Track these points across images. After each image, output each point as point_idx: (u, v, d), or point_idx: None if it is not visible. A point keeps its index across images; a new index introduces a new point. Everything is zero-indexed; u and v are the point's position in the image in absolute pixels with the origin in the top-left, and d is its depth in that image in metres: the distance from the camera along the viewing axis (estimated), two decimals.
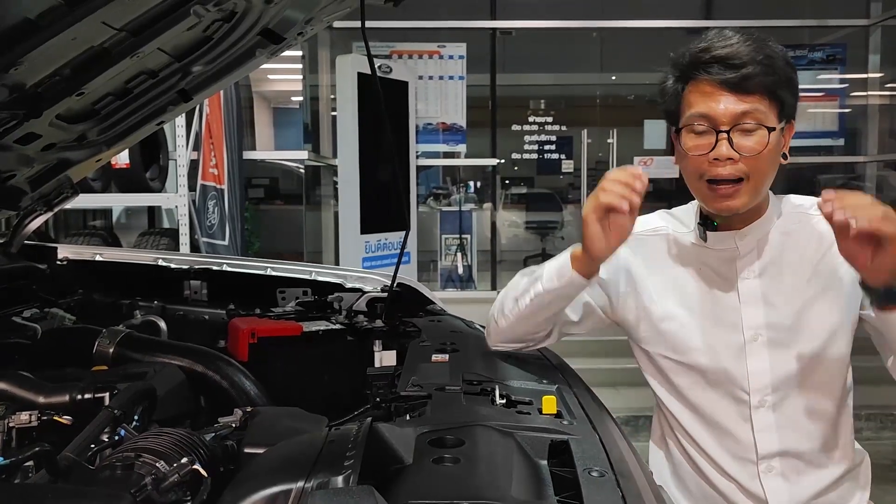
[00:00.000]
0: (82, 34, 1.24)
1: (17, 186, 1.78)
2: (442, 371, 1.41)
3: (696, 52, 1.33)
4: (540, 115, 6.66)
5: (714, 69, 1.30)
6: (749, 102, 1.29)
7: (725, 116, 1.30)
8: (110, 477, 0.90)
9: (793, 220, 1.44)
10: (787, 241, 1.43)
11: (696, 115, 1.33)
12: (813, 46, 6.42)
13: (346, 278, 2.11)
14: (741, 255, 1.43)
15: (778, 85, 1.31)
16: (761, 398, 1.41)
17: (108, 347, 1.57)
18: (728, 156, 1.30)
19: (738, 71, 1.28)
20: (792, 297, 1.40)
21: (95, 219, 6.61)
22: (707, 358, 1.43)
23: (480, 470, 0.93)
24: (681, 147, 1.37)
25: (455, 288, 6.82)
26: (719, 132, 1.30)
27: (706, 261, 1.46)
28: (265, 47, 1.70)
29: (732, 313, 1.43)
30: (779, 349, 1.40)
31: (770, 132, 1.30)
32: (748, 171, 1.31)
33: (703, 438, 1.47)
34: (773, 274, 1.42)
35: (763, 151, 1.30)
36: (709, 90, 1.31)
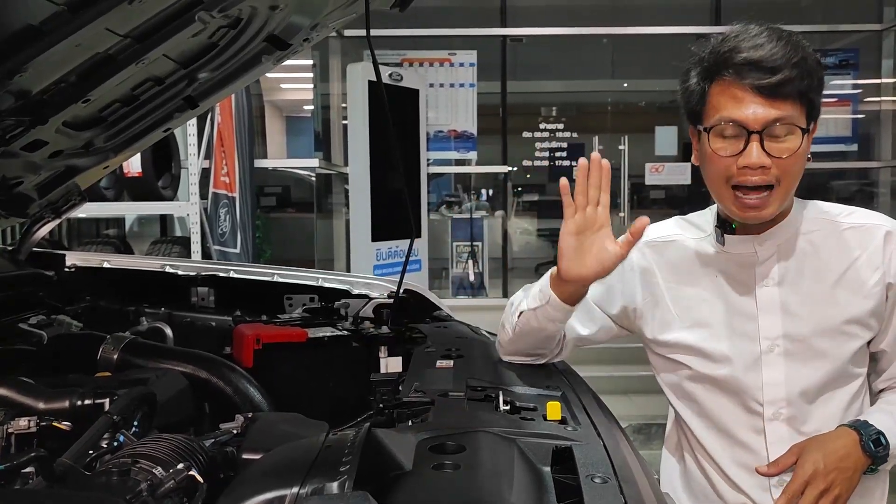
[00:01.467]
0: (87, 41, 1.24)
1: (24, 193, 1.78)
2: (446, 377, 1.40)
3: (725, 52, 1.26)
4: (551, 122, 6.66)
5: (745, 72, 1.24)
6: (781, 108, 1.23)
7: (757, 122, 1.24)
8: (106, 483, 0.90)
9: (818, 227, 1.38)
10: (811, 248, 1.37)
11: (725, 119, 1.26)
12: (825, 51, 6.38)
13: (352, 285, 2.11)
14: (760, 260, 1.38)
15: (811, 89, 1.26)
16: (776, 410, 1.37)
17: (113, 354, 1.57)
18: (760, 163, 1.24)
19: (773, 76, 1.22)
20: (813, 307, 1.35)
21: (108, 227, 6.66)
22: (722, 367, 1.39)
23: (481, 476, 0.92)
24: (707, 148, 1.30)
25: (466, 295, 6.81)
26: (751, 134, 1.24)
27: (723, 267, 1.41)
28: (271, 53, 1.70)
29: (749, 322, 1.38)
30: (796, 361, 1.36)
31: (804, 134, 1.25)
32: (780, 176, 1.26)
33: (714, 448, 1.44)
34: (793, 282, 1.36)
35: (795, 155, 1.25)
36: (739, 94, 1.25)
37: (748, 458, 1.39)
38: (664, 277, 1.45)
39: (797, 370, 1.36)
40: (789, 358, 1.36)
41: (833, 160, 6.58)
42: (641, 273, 1.46)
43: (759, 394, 1.37)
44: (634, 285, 1.47)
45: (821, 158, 6.61)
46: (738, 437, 1.40)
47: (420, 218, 5.80)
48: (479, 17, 6.72)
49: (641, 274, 1.46)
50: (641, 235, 1.25)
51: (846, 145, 6.42)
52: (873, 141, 6.61)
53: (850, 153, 6.54)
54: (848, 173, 7.23)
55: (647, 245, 1.45)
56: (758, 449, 1.39)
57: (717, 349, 1.40)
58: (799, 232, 1.37)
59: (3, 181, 1.64)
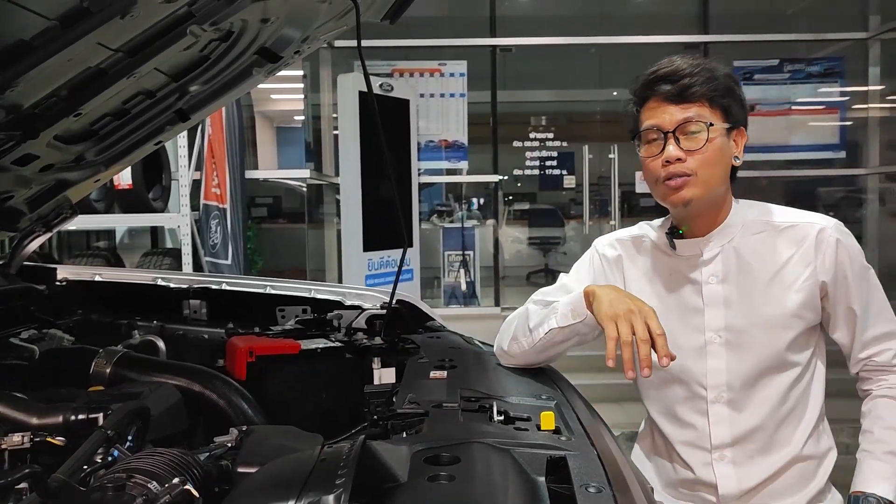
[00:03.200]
0: (78, 55, 1.24)
1: (15, 207, 1.78)
2: (440, 388, 1.40)
3: (646, 77, 1.52)
4: (541, 132, 6.68)
5: (658, 87, 1.48)
6: (690, 110, 1.46)
7: (670, 123, 1.47)
8: (101, 498, 0.89)
9: (758, 228, 1.55)
10: (750, 248, 1.53)
11: (647, 127, 1.50)
12: (810, 60, 6.44)
13: (345, 296, 2.11)
14: (705, 260, 1.55)
15: (717, 92, 1.47)
16: (717, 394, 1.53)
17: (105, 367, 1.56)
18: (676, 155, 1.46)
19: (677, 83, 1.46)
20: (749, 302, 1.51)
21: (99, 239, 6.63)
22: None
23: (475, 487, 0.92)
24: (641, 156, 1.53)
25: (458, 304, 6.81)
26: (666, 134, 1.47)
27: (675, 267, 1.59)
28: (262, 66, 1.71)
29: (697, 315, 1.55)
30: (736, 350, 1.51)
31: (709, 128, 1.45)
32: (696, 167, 1.46)
33: (667, 429, 1.61)
34: (734, 279, 1.53)
35: (707, 147, 1.45)
36: (656, 105, 1.49)
37: (693, 437, 1.56)
38: (629, 270, 1.65)
39: (737, 358, 1.52)
40: (730, 347, 1.52)
41: (820, 167, 6.62)
42: (614, 262, 1.66)
43: (704, 379, 1.54)
44: (609, 272, 1.66)
45: (808, 165, 6.66)
46: (684, 418, 1.57)
47: (412, 227, 5.80)
48: (468, 28, 6.75)
49: (614, 262, 1.66)
50: None
51: (834, 152, 6.46)
52: (860, 148, 6.66)
53: (837, 160, 6.59)
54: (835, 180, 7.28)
55: (616, 240, 1.68)
56: (702, 428, 1.55)
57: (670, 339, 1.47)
58: (740, 234, 1.55)
59: None
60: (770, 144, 6.34)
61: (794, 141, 6.36)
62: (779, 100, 6.34)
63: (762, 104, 6.33)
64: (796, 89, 6.35)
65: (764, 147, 6.33)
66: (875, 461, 1.48)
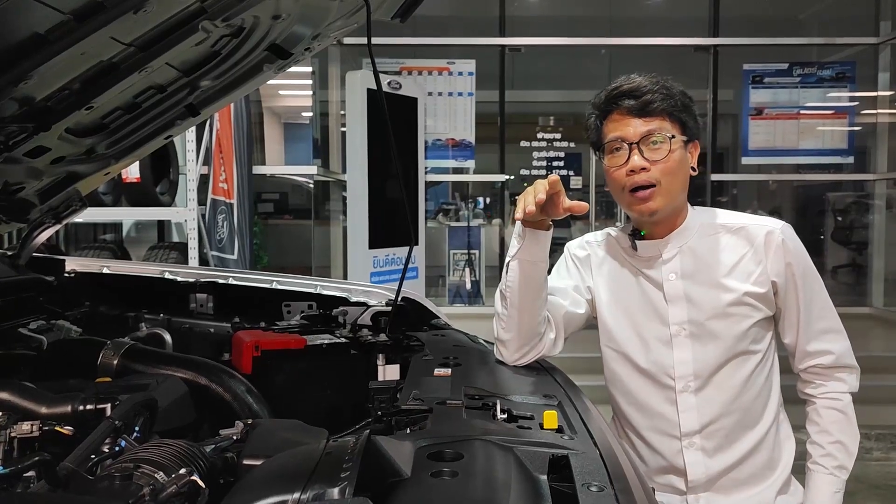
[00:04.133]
0: (91, 49, 1.25)
1: (26, 199, 1.79)
2: (444, 385, 1.41)
3: (609, 91, 1.62)
4: (549, 132, 6.67)
5: (622, 101, 1.59)
6: (652, 123, 1.58)
7: (635, 135, 1.58)
8: (109, 487, 0.91)
9: (713, 230, 1.66)
10: (706, 247, 1.65)
11: (612, 139, 1.60)
12: (822, 64, 6.42)
13: (350, 292, 2.12)
14: (665, 260, 1.66)
15: (675, 108, 1.59)
16: (685, 384, 1.63)
17: (112, 359, 1.58)
18: (641, 165, 1.57)
19: (640, 98, 1.58)
20: (708, 297, 1.62)
21: (106, 232, 6.65)
22: (640, 349, 1.67)
23: (478, 484, 0.93)
24: (605, 165, 1.63)
25: (463, 303, 6.82)
26: (631, 145, 1.57)
27: (639, 267, 1.70)
28: (272, 62, 1.72)
29: (661, 310, 1.65)
30: (699, 342, 1.62)
31: (671, 140, 1.57)
32: (659, 177, 1.57)
33: (636, 419, 1.69)
34: (692, 276, 1.64)
35: (669, 158, 1.57)
36: (619, 118, 1.60)
37: (663, 425, 1.65)
38: (597, 268, 1.76)
39: (701, 349, 1.62)
40: (694, 339, 1.62)
41: (829, 172, 6.61)
42: (584, 261, 1.78)
43: (672, 370, 1.63)
44: (582, 271, 1.77)
45: (817, 170, 6.65)
46: (653, 408, 1.66)
47: (417, 226, 5.81)
48: (477, 27, 6.75)
49: (584, 261, 1.78)
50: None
51: (842, 157, 6.44)
52: (869, 153, 6.64)
53: (846, 165, 6.58)
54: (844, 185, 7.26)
55: (585, 242, 1.81)
56: (671, 416, 1.64)
57: (634, 333, 1.68)
58: (696, 235, 1.67)
59: (5, 187, 1.65)
60: (779, 148, 6.32)
61: (802, 145, 6.35)
62: (788, 103, 6.33)
63: (771, 107, 6.32)
64: (806, 93, 6.33)
65: (772, 151, 6.32)
66: (826, 475, 1.61)
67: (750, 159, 6.34)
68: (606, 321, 1.72)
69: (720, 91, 6.37)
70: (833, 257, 8.42)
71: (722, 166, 7.61)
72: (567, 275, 1.79)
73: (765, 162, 6.41)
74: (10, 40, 1.15)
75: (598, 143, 1.66)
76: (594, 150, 1.69)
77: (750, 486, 1.63)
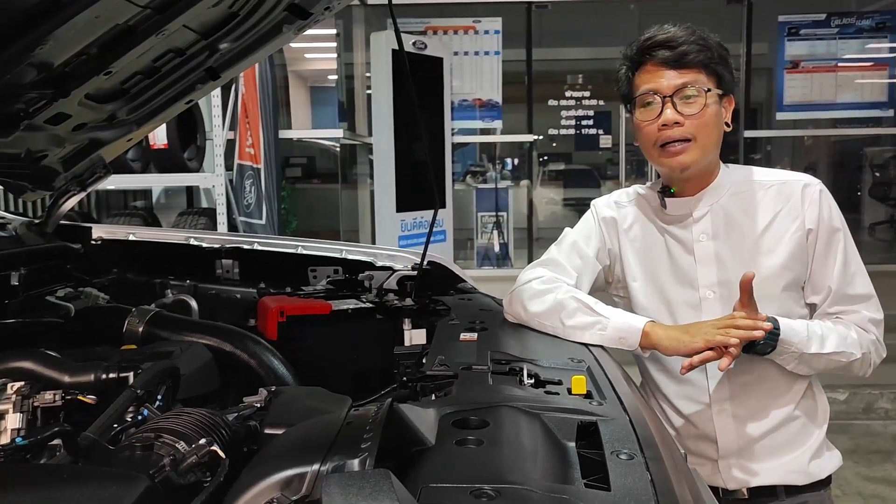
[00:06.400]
0: (106, 12, 1.23)
1: (50, 167, 1.79)
2: (470, 350, 1.39)
3: (642, 42, 1.56)
4: (577, 90, 6.55)
5: (656, 52, 1.53)
6: (687, 75, 1.51)
7: (668, 88, 1.52)
8: (129, 457, 0.90)
9: (745, 188, 1.60)
10: (738, 206, 1.59)
11: (644, 91, 1.54)
12: (861, 14, 6.19)
13: (376, 257, 2.10)
14: (695, 219, 1.61)
15: (712, 60, 1.52)
16: None
17: (138, 326, 1.58)
18: (674, 119, 1.51)
19: (675, 50, 1.51)
20: (741, 257, 1.57)
21: (136, 199, 6.72)
22: (668, 313, 1.62)
23: (504, 452, 0.90)
24: (635, 118, 1.58)
25: (491, 266, 6.79)
26: (664, 98, 1.51)
27: (668, 227, 1.65)
28: (292, 23, 1.68)
29: (690, 273, 1.61)
30: (729, 304, 1.53)
31: (706, 94, 1.51)
32: (694, 132, 1.51)
33: (665, 386, 1.66)
34: (724, 236, 1.59)
35: (704, 112, 1.51)
36: (653, 69, 1.54)
37: (693, 392, 1.61)
38: (625, 230, 1.70)
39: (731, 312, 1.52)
40: (724, 302, 1.56)
41: (867, 126, 6.41)
42: (609, 221, 1.71)
43: None
44: (603, 230, 1.71)
45: (855, 124, 6.45)
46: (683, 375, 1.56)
47: (444, 188, 5.77)
48: None
49: (611, 223, 1.71)
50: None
51: (882, 111, 6.23)
52: None
53: (885, 119, 6.37)
54: (883, 139, 7.05)
55: (613, 201, 1.74)
56: (700, 383, 1.60)
57: (662, 297, 1.63)
58: (728, 193, 1.60)
59: (29, 154, 1.65)
60: (815, 102, 6.14)
61: (840, 99, 6.15)
62: (826, 56, 6.12)
63: (808, 60, 6.12)
64: (844, 45, 6.11)
65: (809, 105, 6.14)
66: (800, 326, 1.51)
67: (785, 114, 6.17)
68: (633, 286, 1.67)
69: (754, 44, 6.19)
70: (870, 214, 8.23)
71: (755, 122, 7.43)
72: (592, 237, 1.72)
73: (800, 117, 6.23)
74: (24, 4, 1.12)
75: (628, 95, 1.60)
76: (624, 104, 1.64)
77: (784, 453, 1.59)
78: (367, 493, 0.68)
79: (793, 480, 1.58)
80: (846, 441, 2.73)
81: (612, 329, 1.50)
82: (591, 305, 1.53)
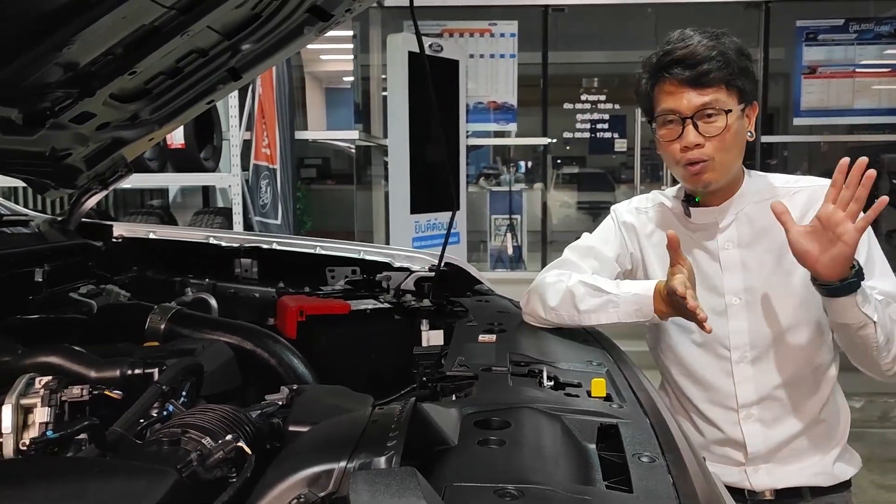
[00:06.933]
0: (133, 12, 1.25)
1: (73, 165, 1.81)
2: (489, 351, 1.39)
3: (660, 56, 1.53)
4: (592, 94, 6.55)
5: (675, 70, 1.50)
6: (708, 94, 1.49)
7: (689, 109, 1.49)
8: (157, 452, 0.91)
9: (769, 195, 1.58)
10: (764, 213, 1.54)
11: (664, 110, 1.53)
12: (880, 20, 6.15)
13: (394, 257, 2.11)
14: (721, 228, 1.61)
15: (732, 76, 1.50)
16: (741, 354, 1.58)
17: (160, 324, 1.59)
18: (695, 142, 1.49)
19: (695, 69, 1.48)
20: (766, 264, 1.56)
21: (153, 198, 6.76)
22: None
23: (526, 453, 0.91)
24: (657, 136, 1.57)
25: (504, 269, 6.79)
26: (685, 119, 1.49)
27: (692, 233, 1.64)
28: (313, 24, 1.69)
29: (715, 279, 1.60)
30: (756, 310, 1.56)
31: (727, 114, 1.49)
32: (713, 153, 1.50)
33: (690, 391, 1.64)
34: (750, 244, 1.58)
35: (725, 135, 1.49)
36: (672, 88, 1.51)
37: (720, 397, 1.60)
38: (647, 237, 1.69)
39: (758, 318, 1.57)
40: (750, 308, 1.57)
41: (885, 132, 6.36)
42: (629, 227, 1.71)
43: (727, 341, 1.58)
44: (624, 235, 1.71)
45: (872, 131, 6.40)
46: (709, 379, 1.61)
47: (458, 190, 5.77)
48: None
49: (629, 228, 1.71)
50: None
51: None
52: None
53: None
54: None
55: (634, 207, 1.73)
56: (727, 388, 1.59)
57: None
58: (752, 201, 1.60)
59: (53, 153, 1.67)
60: (832, 108, 6.11)
61: (858, 105, 6.11)
62: (843, 61, 6.09)
63: (825, 66, 6.09)
64: (862, 50, 6.08)
65: (826, 111, 6.11)
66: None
67: (802, 120, 6.14)
68: None
69: (771, 49, 6.16)
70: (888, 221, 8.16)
71: (772, 127, 7.39)
72: (612, 241, 1.72)
73: (817, 123, 6.20)
74: (53, 4, 1.14)
75: (648, 110, 1.60)
76: (646, 117, 1.63)
77: (811, 456, 1.59)
78: (394, 490, 0.69)
79: (819, 482, 1.58)
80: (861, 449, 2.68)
81: (625, 303, 1.51)
82: (599, 285, 1.54)
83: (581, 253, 1.70)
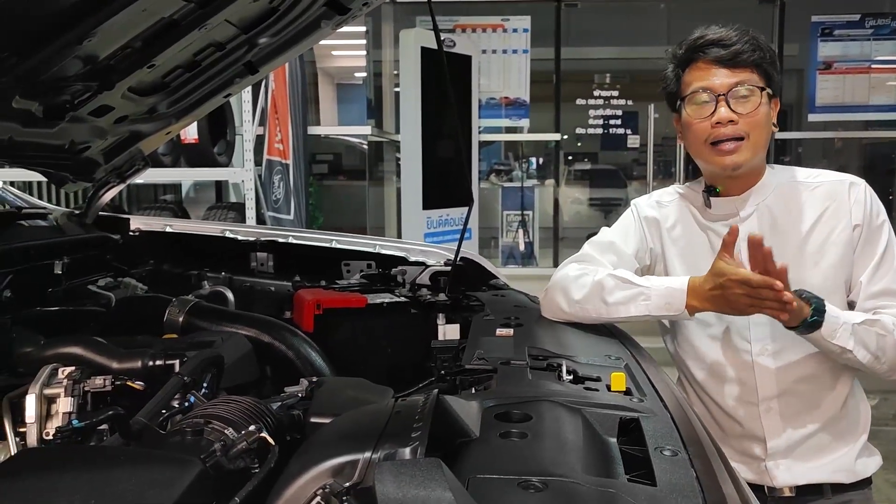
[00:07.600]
0: (152, 5, 1.25)
1: (91, 158, 1.82)
2: (506, 345, 1.39)
3: (693, 40, 1.56)
4: (605, 90, 6.53)
5: (709, 50, 1.53)
6: (741, 74, 1.52)
7: (723, 86, 1.52)
8: (180, 442, 0.92)
9: (790, 187, 1.60)
10: (784, 205, 1.59)
11: (696, 88, 1.54)
12: (893, 15, 6.10)
13: (409, 252, 2.11)
14: (742, 219, 1.60)
15: (764, 60, 1.53)
16: (762, 347, 1.57)
17: (178, 316, 1.60)
18: (728, 118, 1.51)
19: (729, 48, 1.51)
20: (787, 256, 1.50)
21: (166, 193, 6.79)
22: (713, 314, 1.57)
23: (548, 445, 0.91)
24: (686, 116, 1.57)
25: (516, 264, 6.78)
26: (718, 96, 1.51)
27: (712, 226, 1.63)
28: (330, 18, 1.69)
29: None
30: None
31: (762, 91, 1.51)
32: (747, 130, 1.51)
33: (709, 385, 1.64)
34: (771, 235, 1.54)
35: (757, 112, 1.51)
36: (706, 67, 1.54)
37: (740, 391, 1.60)
38: (667, 230, 1.69)
39: None
40: None
41: None
42: (651, 221, 1.71)
43: (748, 333, 1.58)
44: (645, 230, 1.71)
45: (884, 127, 6.36)
46: (730, 374, 1.60)
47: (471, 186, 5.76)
48: None
49: (651, 222, 1.71)
50: None
51: None
52: None
53: None
54: None
55: (655, 201, 1.73)
56: (748, 381, 1.58)
57: None
58: (774, 193, 1.60)
59: (72, 146, 1.67)
60: (848, 104, 6.06)
61: (873, 101, 6.07)
62: (859, 57, 6.04)
63: (840, 61, 6.05)
64: (879, 46, 6.03)
65: (841, 107, 6.06)
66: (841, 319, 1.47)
67: (817, 116, 6.11)
68: None
69: (786, 45, 6.12)
70: None
71: (786, 124, 7.35)
72: (632, 235, 1.71)
73: (832, 119, 6.16)
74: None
75: (676, 93, 1.60)
76: (670, 103, 1.63)
77: (831, 452, 1.58)
78: (420, 481, 0.69)
79: (839, 479, 1.57)
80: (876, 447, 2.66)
81: (656, 296, 1.51)
82: (630, 279, 1.55)
83: (601, 248, 1.69)
